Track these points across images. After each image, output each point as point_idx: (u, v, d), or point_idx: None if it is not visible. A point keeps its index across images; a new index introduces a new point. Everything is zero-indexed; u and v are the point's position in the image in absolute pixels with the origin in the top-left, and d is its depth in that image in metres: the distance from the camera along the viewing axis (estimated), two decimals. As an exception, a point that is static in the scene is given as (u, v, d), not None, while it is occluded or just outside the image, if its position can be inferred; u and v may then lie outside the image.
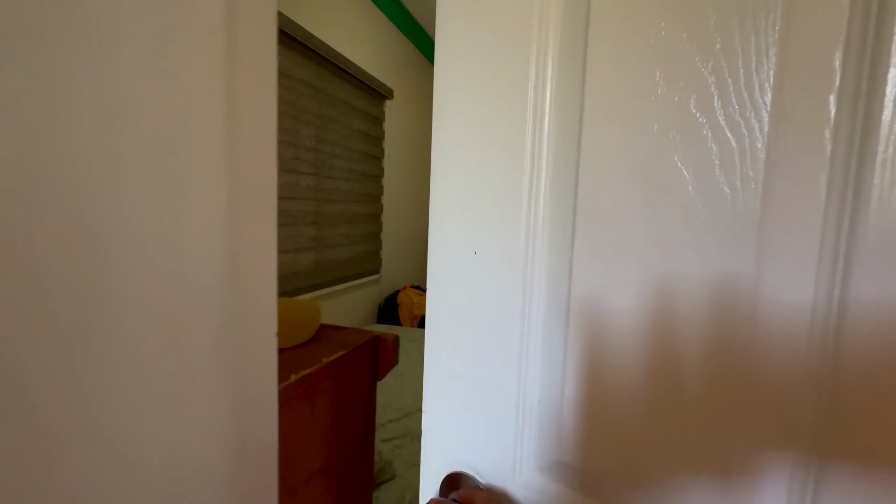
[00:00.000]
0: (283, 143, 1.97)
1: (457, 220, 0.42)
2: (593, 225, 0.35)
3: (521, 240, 0.38)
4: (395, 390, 1.73)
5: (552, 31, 0.35)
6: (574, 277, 0.36)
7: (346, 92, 2.42)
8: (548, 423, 0.39)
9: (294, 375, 0.38)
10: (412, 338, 2.47)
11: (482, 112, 0.39)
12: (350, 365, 0.48)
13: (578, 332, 0.36)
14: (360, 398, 0.51)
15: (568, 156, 0.35)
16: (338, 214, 2.46)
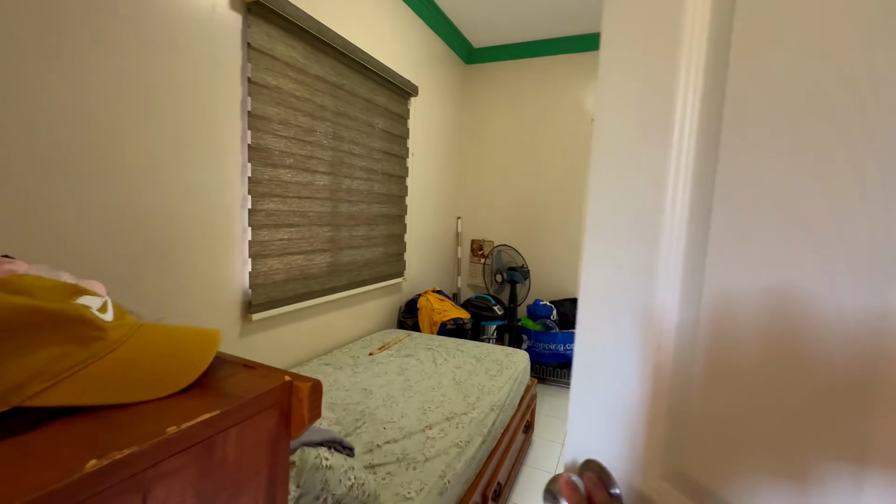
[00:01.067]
0: (297, 141, 1.91)
1: (605, 240, 0.47)
2: (724, 240, 0.37)
3: (659, 258, 0.41)
4: (399, 406, 1.61)
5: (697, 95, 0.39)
6: (705, 292, 0.38)
7: (366, 88, 2.34)
8: (676, 434, 0.41)
9: (95, 461, 0.26)
10: (428, 345, 2.35)
11: (632, 154, 0.44)
12: (230, 426, 0.35)
13: (709, 345, 0.38)
14: (251, 471, 0.38)
15: (705, 186, 0.38)
16: (356, 215, 2.38)
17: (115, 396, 0.34)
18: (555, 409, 2.81)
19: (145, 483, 0.29)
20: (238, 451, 0.37)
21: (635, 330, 0.43)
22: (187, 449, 0.32)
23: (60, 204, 1.14)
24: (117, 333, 0.37)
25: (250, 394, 0.37)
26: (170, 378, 0.37)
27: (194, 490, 0.33)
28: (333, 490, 0.88)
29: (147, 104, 1.33)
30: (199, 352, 0.40)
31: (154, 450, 0.29)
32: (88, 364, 0.34)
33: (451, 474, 1.25)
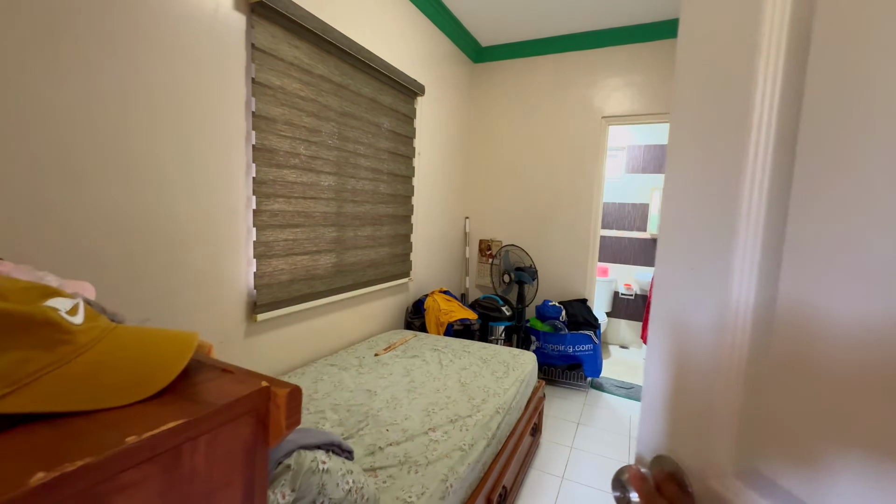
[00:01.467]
0: (302, 141, 1.90)
1: (679, 241, 0.48)
2: (800, 245, 0.37)
3: (734, 258, 0.42)
4: (403, 408, 1.59)
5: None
6: (780, 294, 0.39)
7: (371, 88, 2.33)
8: (750, 432, 0.42)
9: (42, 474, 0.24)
10: (434, 346, 2.33)
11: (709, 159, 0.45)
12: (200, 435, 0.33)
13: (785, 346, 0.38)
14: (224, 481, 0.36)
15: (782, 186, 0.39)
16: (362, 215, 2.38)
17: (78, 403, 0.32)
18: (564, 412, 2.76)
19: (101, 497, 0.28)
20: (209, 461, 0.35)
21: (709, 330, 0.44)
22: (150, 460, 0.30)
23: (64, 205, 1.15)
24: (86, 337, 0.36)
25: (223, 400, 0.36)
26: (139, 384, 0.35)
27: (160, 502, 0.31)
28: (331, 494, 0.87)
29: (150, 105, 1.33)
30: (172, 356, 0.38)
31: (111, 461, 0.28)
32: (52, 369, 0.33)
33: (453, 478, 1.23)
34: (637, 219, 4.33)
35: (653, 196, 4.23)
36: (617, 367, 3.67)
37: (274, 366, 1.90)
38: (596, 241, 3.34)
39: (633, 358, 3.99)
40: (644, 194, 4.29)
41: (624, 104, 3.14)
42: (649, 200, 4.26)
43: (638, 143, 4.30)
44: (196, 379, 0.40)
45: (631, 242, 4.38)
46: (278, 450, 0.82)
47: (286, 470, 0.80)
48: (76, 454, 0.27)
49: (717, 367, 0.44)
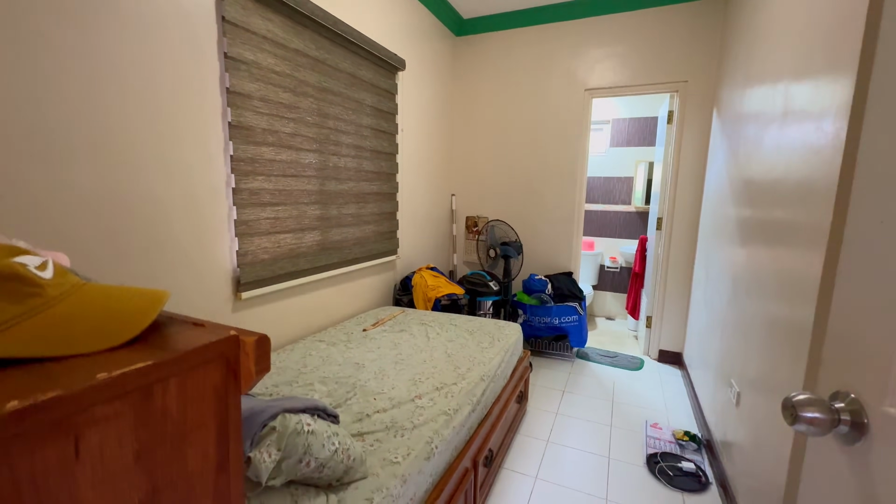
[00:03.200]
0: (280, 118, 1.88)
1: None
2: None
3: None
4: (390, 378, 1.63)
5: None
6: None
7: (350, 63, 2.29)
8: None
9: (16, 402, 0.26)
10: (421, 321, 2.37)
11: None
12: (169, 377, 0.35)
13: None
14: (197, 422, 0.39)
15: None
16: (345, 193, 2.37)
17: (50, 350, 0.34)
18: (550, 381, 2.85)
19: (76, 427, 0.30)
20: (181, 403, 0.37)
21: None
22: (121, 396, 0.33)
23: (35, 185, 1.14)
24: (55, 291, 0.37)
25: (190, 347, 0.38)
26: (109, 333, 0.37)
27: (133, 437, 0.34)
28: (317, 454, 0.91)
29: (121, 82, 1.30)
30: (141, 309, 0.40)
31: (81, 395, 0.30)
32: (23, 320, 0.34)
33: (438, 440, 1.28)
34: (622, 192, 4.37)
35: (637, 169, 4.26)
36: (602, 338, 3.77)
37: (262, 343, 1.92)
38: (580, 214, 3.38)
39: (618, 328, 4.10)
40: (629, 168, 4.32)
41: (607, 76, 3.13)
42: (634, 174, 4.30)
43: (623, 116, 4.30)
44: (167, 331, 0.42)
45: (616, 216, 4.43)
46: (263, 413, 0.85)
47: (271, 431, 0.84)
48: (49, 389, 0.29)
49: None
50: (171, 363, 0.36)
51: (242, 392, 0.43)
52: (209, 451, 0.40)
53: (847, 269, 0.57)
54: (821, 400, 0.52)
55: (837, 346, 0.57)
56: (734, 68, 2.35)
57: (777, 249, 1.45)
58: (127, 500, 0.33)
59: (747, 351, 1.64)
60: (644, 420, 2.36)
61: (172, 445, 0.37)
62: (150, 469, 0.35)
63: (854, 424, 0.49)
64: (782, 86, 1.57)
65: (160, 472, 0.36)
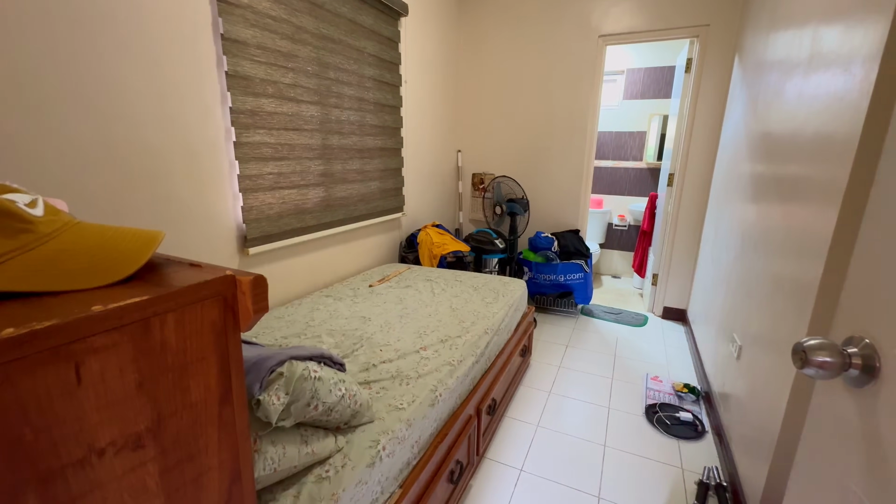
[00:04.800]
0: (278, 67, 1.81)
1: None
2: None
3: None
4: (396, 331, 1.67)
5: None
6: None
7: (349, 7, 2.17)
8: None
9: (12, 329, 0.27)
10: (427, 277, 2.39)
11: None
12: (166, 312, 0.36)
13: None
14: (197, 356, 0.39)
15: None
16: (349, 148, 2.32)
17: (46, 284, 0.34)
18: (554, 336, 2.91)
19: (76, 355, 0.31)
20: (180, 337, 0.38)
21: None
22: (119, 328, 0.33)
23: (34, 138, 1.13)
24: (48, 227, 0.37)
25: (186, 284, 0.38)
26: (105, 269, 0.37)
27: (134, 367, 0.35)
28: (324, 399, 0.94)
29: (111, 28, 1.25)
30: (137, 247, 0.40)
31: (78, 324, 0.30)
32: (16, 255, 0.34)
33: (442, 388, 1.33)
34: (634, 148, 4.24)
35: (651, 123, 4.11)
36: (607, 296, 3.80)
37: (270, 298, 1.96)
38: (589, 171, 3.30)
39: (624, 287, 4.12)
40: (642, 122, 4.16)
41: (623, 21, 2.94)
42: (647, 128, 4.14)
43: (638, 65, 4.08)
44: (164, 271, 0.42)
45: (627, 173, 4.33)
46: (271, 359, 0.88)
47: (279, 377, 0.86)
48: (45, 319, 0.29)
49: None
50: (167, 298, 0.36)
51: (242, 330, 0.44)
52: (211, 384, 0.42)
53: (876, 214, 0.56)
54: (832, 344, 0.52)
55: (856, 294, 0.56)
56: (759, 10, 2.19)
57: (789, 205, 1.41)
58: (132, 424, 0.35)
59: (751, 306, 1.64)
60: (645, 373, 2.41)
61: (174, 376, 0.38)
62: (153, 397, 0.36)
63: (865, 367, 0.50)
64: (810, 28, 1.46)
65: (163, 400, 0.37)
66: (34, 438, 0.29)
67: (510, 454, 1.77)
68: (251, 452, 0.49)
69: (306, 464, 0.92)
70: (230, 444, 0.45)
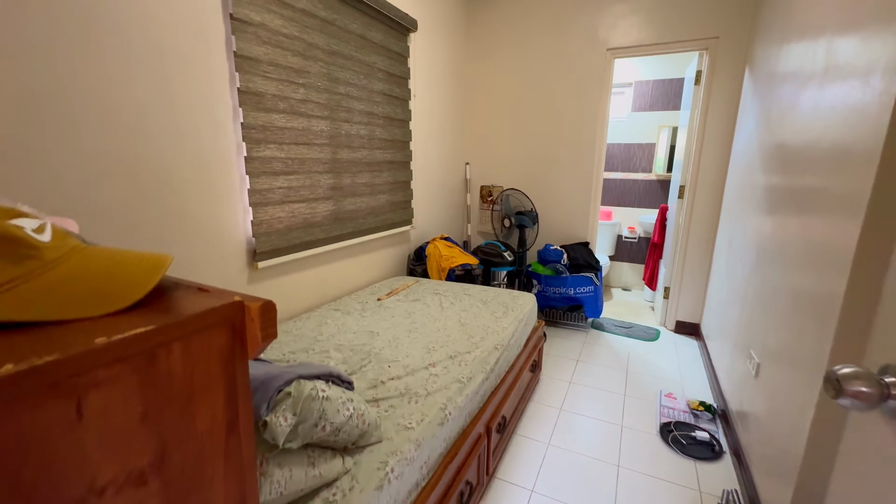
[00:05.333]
0: (290, 84, 1.83)
1: None
2: None
3: None
4: (404, 347, 1.65)
5: None
6: None
7: (360, 24, 2.20)
8: None
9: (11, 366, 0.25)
10: (435, 291, 2.37)
11: None
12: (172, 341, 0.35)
13: None
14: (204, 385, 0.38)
15: None
16: (358, 161, 2.34)
17: (50, 313, 0.33)
18: (564, 350, 2.86)
19: (77, 389, 0.30)
20: (186, 365, 0.37)
21: None
22: (123, 360, 0.32)
23: (46, 153, 1.14)
24: (54, 253, 0.37)
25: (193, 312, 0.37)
26: (110, 297, 0.36)
27: (138, 398, 0.33)
28: (332, 419, 0.92)
29: (127, 45, 1.27)
30: (144, 273, 0.39)
31: (79, 358, 0.29)
32: (21, 282, 0.33)
33: (452, 407, 1.30)
34: (643, 160, 4.22)
35: (660, 135, 4.09)
36: (618, 309, 3.74)
37: (278, 311, 1.96)
38: (599, 183, 3.28)
39: (635, 300, 4.05)
40: (651, 133, 4.14)
41: (631, 34, 2.95)
42: (656, 140, 4.12)
43: (646, 77, 4.08)
44: (171, 296, 0.41)
45: (636, 184, 4.29)
46: (278, 378, 0.87)
47: (286, 396, 0.85)
48: (46, 353, 0.28)
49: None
50: (174, 327, 0.35)
51: (250, 357, 0.42)
52: (218, 413, 0.40)
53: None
54: (869, 373, 0.49)
55: (891, 318, 0.53)
56: (771, 22, 2.18)
57: (807, 217, 1.37)
58: (135, 459, 0.33)
59: (769, 322, 1.59)
60: (658, 390, 2.35)
61: (180, 407, 0.37)
62: (157, 429, 0.35)
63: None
64: (825, 40, 1.44)
65: (168, 432, 0.36)
66: (30, 479, 0.27)
67: (521, 474, 1.72)
68: (257, 482, 0.47)
69: (313, 486, 0.90)
70: (236, 475, 0.43)
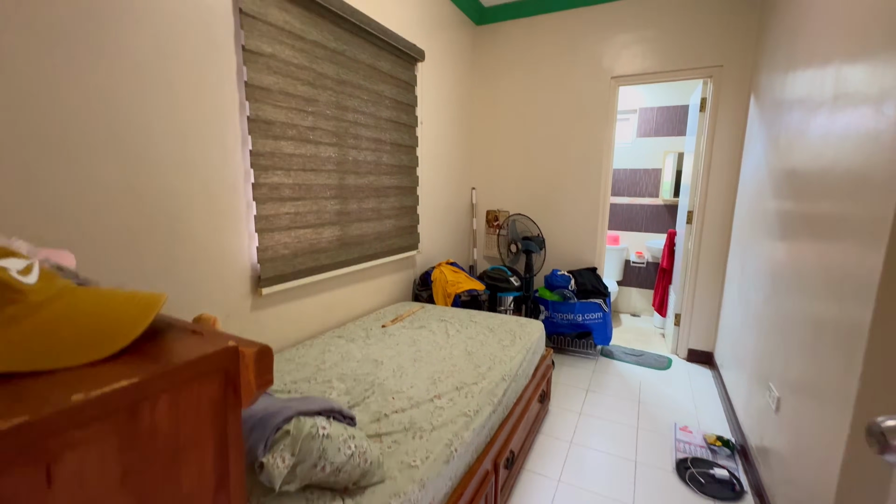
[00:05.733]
0: (299, 112, 1.86)
1: None
2: None
3: None
4: (409, 377, 1.60)
5: None
6: None
7: (368, 54, 2.25)
8: None
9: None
10: (441, 317, 2.33)
11: None
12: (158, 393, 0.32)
13: None
14: (192, 440, 0.35)
15: None
16: (365, 187, 2.34)
17: (28, 364, 0.31)
18: (573, 379, 2.77)
19: (47, 453, 0.27)
20: (173, 419, 0.34)
21: None
22: (102, 418, 0.29)
23: (56, 181, 1.14)
24: (39, 297, 0.34)
25: (183, 360, 0.34)
26: (96, 343, 0.34)
27: (117, 460, 0.30)
28: (332, 459, 0.88)
29: (139, 76, 1.30)
30: (132, 316, 0.37)
31: (53, 419, 0.26)
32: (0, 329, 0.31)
33: (458, 443, 1.24)
34: (649, 185, 4.21)
35: (666, 160, 4.09)
36: (627, 335, 3.66)
37: (281, 339, 1.92)
38: (605, 208, 3.26)
39: (644, 326, 3.96)
40: (657, 159, 4.15)
41: (635, 63, 2.99)
42: (662, 165, 4.12)
43: (650, 105, 4.12)
44: (162, 339, 0.39)
45: (643, 209, 4.27)
46: (278, 415, 0.83)
47: (285, 435, 0.81)
48: (15, 413, 0.26)
49: None
50: (162, 377, 0.32)
51: (243, 407, 0.39)
52: (206, 470, 0.37)
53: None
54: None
55: None
56: (775, 51, 2.19)
57: (823, 244, 1.34)
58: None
59: (788, 352, 1.53)
60: (673, 422, 2.26)
61: (164, 465, 0.33)
62: (138, 493, 0.32)
63: None
64: (832, 68, 1.44)
65: (150, 495, 0.33)
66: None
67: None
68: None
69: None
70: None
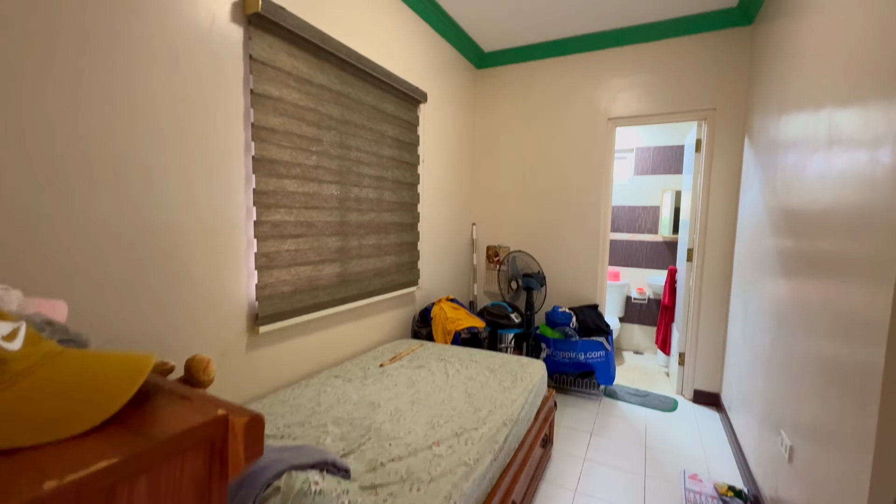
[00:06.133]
0: (303, 151, 1.89)
1: None
2: None
3: None
4: (407, 421, 1.54)
5: None
6: None
7: (373, 97, 2.32)
8: None
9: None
10: (440, 356, 2.28)
11: None
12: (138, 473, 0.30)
13: None
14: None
15: None
16: (366, 224, 2.35)
17: (6, 439, 0.29)
18: (576, 421, 2.68)
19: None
20: (152, 500, 0.31)
21: None
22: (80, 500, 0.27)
23: (57, 218, 1.15)
24: (21, 364, 0.33)
25: (168, 433, 0.32)
26: (78, 415, 0.32)
27: (88, 552, 0.28)
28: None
29: (147, 117, 1.33)
30: (118, 381, 0.35)
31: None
32: (-24, 402, 0.30)
33: (457, 496, 1.18)
34: (648, 221, 4.24)
35: (663, 198, 4.14)
36: (631, 374, 3.57)
37: (277, 378, 1.87)
38: (606, 244, 3.27)
39: (648, 364, 3.88)
40: (655, 196, 4.20)
41: (631, 105, 3.08)
42: (660, 203, 4.17)
43: (647, 144, 4.22)
44: (149, 406, 0.37)
45: (642, 245, 4.28)
46: (267, 471, 0.79)
47: (275, 492, 0.77)
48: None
49: None
50: (143, 456, 0.30)
51: (229, 479, 0.37)
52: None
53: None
54: None
55: None
56: (766, 95, 2.26)
57: (828, 283, 1.32)
58: None
59: (799, 397, 1.48)
60: (681, 469, 2.16)
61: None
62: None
63: None
64: (825, 113, 1.48)
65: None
66: None
67: (534, 572, 1.53)
68: None
69: None
70: None
